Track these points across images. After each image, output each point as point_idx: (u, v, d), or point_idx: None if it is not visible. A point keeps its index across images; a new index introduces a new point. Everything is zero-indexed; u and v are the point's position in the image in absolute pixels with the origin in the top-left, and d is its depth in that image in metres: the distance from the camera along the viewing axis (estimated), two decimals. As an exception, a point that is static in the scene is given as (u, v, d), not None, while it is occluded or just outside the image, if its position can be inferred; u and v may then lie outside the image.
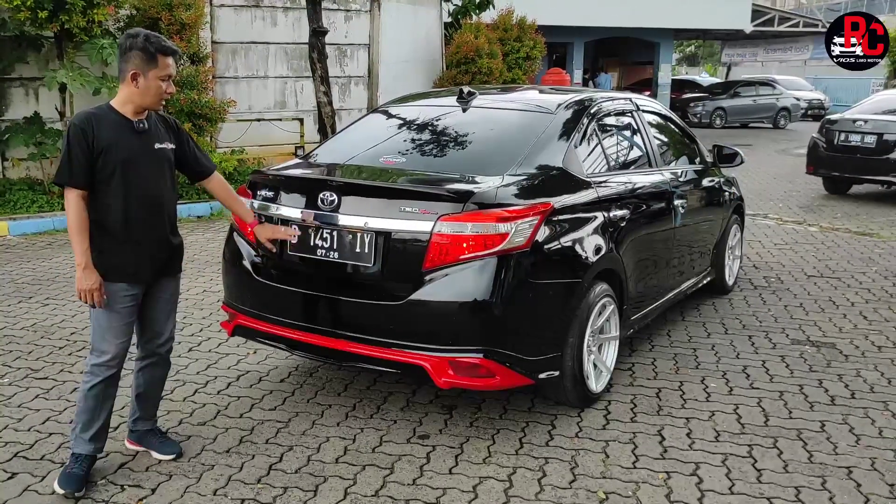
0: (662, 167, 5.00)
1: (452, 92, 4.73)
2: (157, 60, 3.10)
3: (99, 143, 3.06)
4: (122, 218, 3.15)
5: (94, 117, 3.09)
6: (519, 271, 3.46)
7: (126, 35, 3.14)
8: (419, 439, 3.70)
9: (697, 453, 3.57)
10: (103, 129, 3.07)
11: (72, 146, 3.05)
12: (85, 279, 3.09)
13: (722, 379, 4.45)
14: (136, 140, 3.16)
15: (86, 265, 3.08)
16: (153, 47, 3.09)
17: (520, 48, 14.65)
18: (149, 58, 3.09)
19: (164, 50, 3.13)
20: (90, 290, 3.10)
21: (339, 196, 3.60)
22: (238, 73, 11.52)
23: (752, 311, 5.78)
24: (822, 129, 11.73)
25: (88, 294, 3.11)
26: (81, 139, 3.04)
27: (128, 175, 3.13)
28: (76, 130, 3.05)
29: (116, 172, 3.10)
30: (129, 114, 3.14)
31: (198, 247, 7.88)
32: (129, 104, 3.14)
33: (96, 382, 3.21)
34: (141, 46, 3.08)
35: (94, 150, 3.05)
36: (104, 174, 3.09)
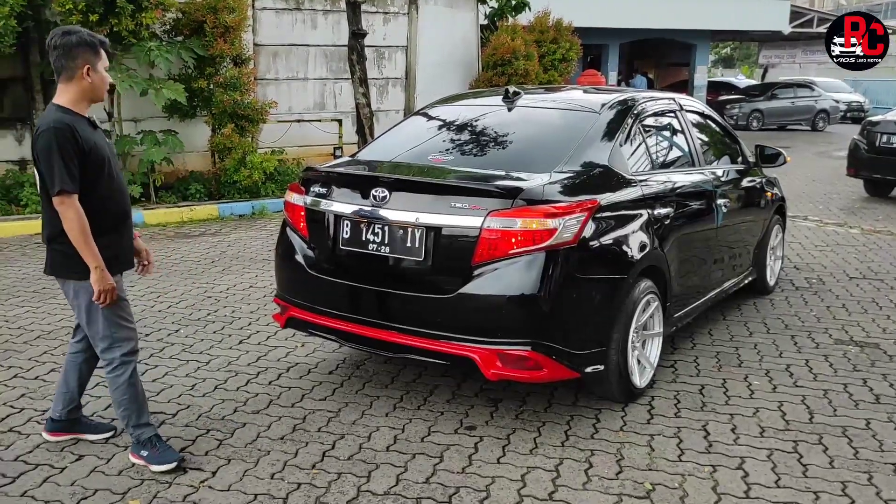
0: (705, 166, 5.04)
1: (497, 92, 4.81)
2: (100, 52, 3.18)
3: (85, 144, 3.11)
4: (114, 212, 3.27)
5: (69, 119, 3.10)
6: (566, 266, 3.53)
7: (61, 33, 3.14)
8: (466, 430, 3.78)
9: (742, 448, 3.61)
10: (82, 130, 3.12)
11: (63, 151, 3.04)
12: (105, 280, 3.16)
13: (766, 377, 4.47)
14: (99, 137, 3.26)
15: (102, 267, 3.15)
16: (95, 40, 3.18)
17: (556, 50, 14.67)
18: (95, 50, 3.16)
19: (102, 42, 3.22)
20: (110, 289, 3.19)
21: (390, 192, 3.70)
22: (279, 75, 11.70)
23: (794, 311, 5.77)
24: (863, 130, 11.60)
25: (107, 294, 3.19)
26: (72, 142, 3.06)
27: (109, 171, 3.23)
28: (63, 135, 3.04)
29: (102, 170, 3.19)
30: (83, 111, 3.21)
31: (241, 245, 8.05)
32: (82, 101, 3.19)
33: (132, 369, 3.35)
34: (87, 41, 3.14)
35: (83, 152, 3.10)
36: (91, 174, 3.14)
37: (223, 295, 6.12)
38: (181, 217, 9.39)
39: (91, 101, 3.25)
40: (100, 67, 3.20)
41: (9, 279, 6.50)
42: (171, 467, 3.33)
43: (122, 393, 3.34)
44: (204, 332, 5.20)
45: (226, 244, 8.07)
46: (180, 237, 8.44)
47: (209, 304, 5.87)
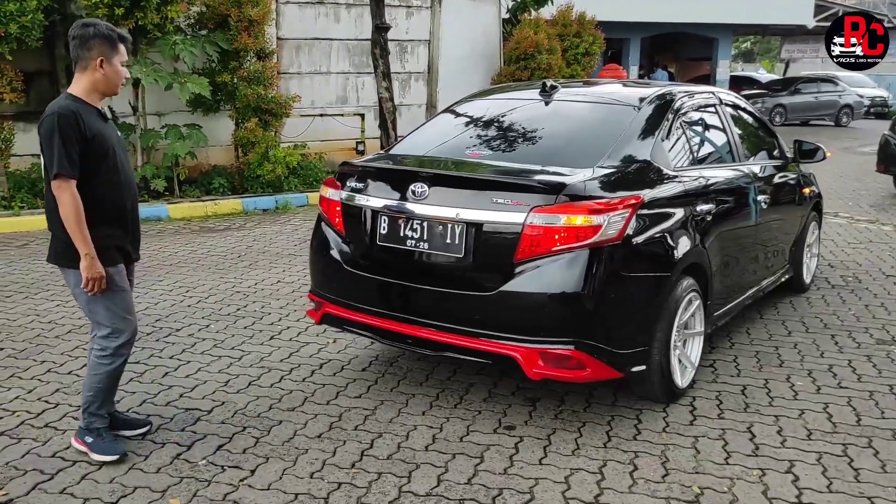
0: (745, 161, 4.94)
1: (533, 86, 4.73)
2: (118, 46, 3.20)
3: (89, 132, 3.12)
4: (116, 203, 3.27)
5: (75, 107, 3.12)
6: (610, 264, 3.45)
7: (82, 24, 3.19)
8: (505, 430, 3.72)
9: (790, 451, 3.52)
10: (88, 119, 3.14)
11: (65, 136, 3.06)
12: (94, 267, 3.16)
13: (808, 377, 4.37)
14: (107, 128, 3.27)
15: (93, 254, 3.14)
16: (114, 34, 3.20)
17: (579, 44, 14.54)
18: (112, 44, 3.19)
19: (122, 37, 3.23)
20: (100, 277, 3.18)
21: (429, 187, 3.64)
22: (301, 69, 11.66)
23: (833, 310, 5.66)
24: (893, 126, 11.40)
25: (97, 282, 3.18)
26: (75, 128, 3.07)
27: (113, 162, 3.24)
28: (66, 120, 3.07)
29: (105, 160, 3.19)
30: (95, 102, 3.24)
31: (267, 239, 8.02)
32: (94, 92, 3.23)
33: (122, 362, 3.36)
34: (104, 34, 3.17)
35: (86, 140, 3.11)
36: (93, 162, 3.15)
37: (252, 290, 6.08)
38: (205, 211, 9.37)
39: (103, 93, 3.28)
40: (115, 61, 3.22)
41: (37, 272, 6.50)
42: (112, 459, 3.32)
43: (99, 380, 3.34)
44: (235, 328, 5.17)
45: (251, 239, 8.04)
46: (205, 231, 8.42)
47: (238, 299, 5.83)
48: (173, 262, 6.91)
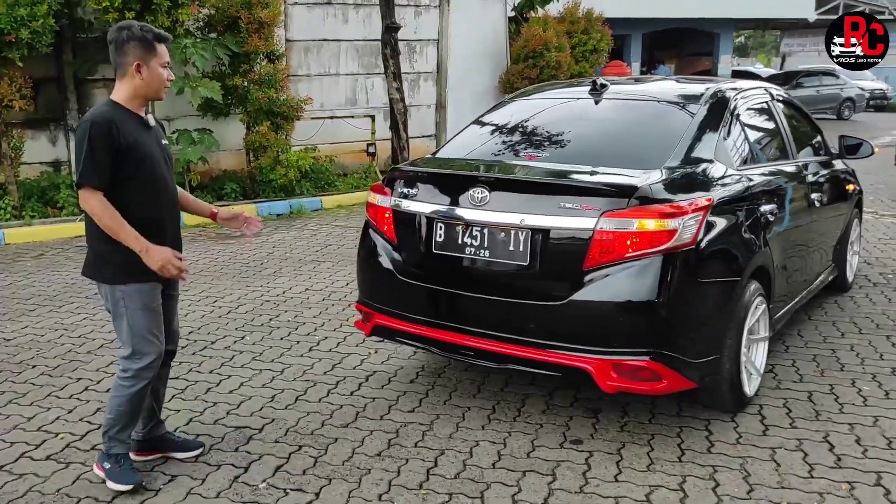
0: (798, 158, 4.79)
1: (579, 84, 4.58)
2: (156, 48, 3.05)
3: (124, 140, 2.97)
4: (150, 216, 3.09)
5: (112, 114, 2.99)
6: (685, 270, 3.30)
7: (117, 28, 3.06)
8: (572, 444, 3.56)
9: (874, 462, 3.37)
10: (125, 127, 2.99)
11: (95, 145, 2.93)
12: (157, 256, 3.01)
13: (873, 381, 4.23)
14: (148, 137, 3.13)
15: (147, 247, 3.00)
16: (150, 35, 3.05)
17: (587, 41, 14.39)
18: (148, 46, 3.04)
19: (159, 37, 3.08)
20: (167, 261, 3.03)
21: (489, 192, 3.47)
22: (310, 71, 11.47)
23: (881, 309, 5.52)
24: (911, 119, 11.30)
25: (169, 266, 3.04)
26: (107, 138, 2.94)
27: (149, 173, 3.08)
28: (100, 129, 2.93)
29: (139, 171, 3.04)
30: (137, 108, 3.09)
31: (286, 245, 7.85)
32: (135, 98, 3.08)
33: (143, 385, 3.14)
34: (139, 36, 3.03)
35: (119, 149, 2.96)
36: (126, 173, 3.00)
37: (281, 299, 5.91)
38: (220, 217, 9.16)
39: (146, 98, 3.13)
40: (154, 64, 3.06)
41: (58, 285, 6.32)
42: (126, 489, 3.14)
43: (119, 403, 3.14)
44: (271, 339, 5.00)
45: (270, 245, 7.86)
46: (222, 238, 8.24)
47: (269, 308, 5.66)
48: (195, 270, 6.72)
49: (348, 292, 6.06)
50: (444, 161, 4.12)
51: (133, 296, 3.08)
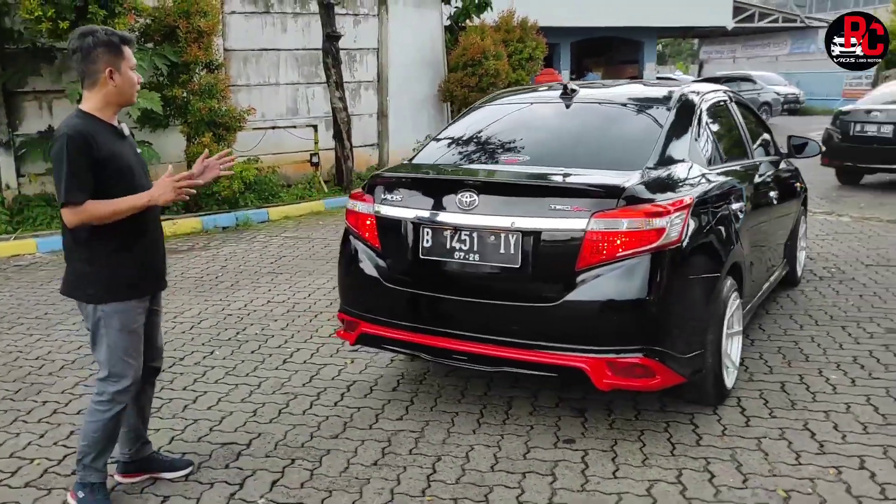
0: (756, 158, 4.97)
1: (547, 89, 4.63)
2: (123, 51, 2.92)
3: (102, 153, 2.84)
4: (132, 229, 2.96)
5: (87, 126, 2.85)
6: (673, 267, 3.38)
7: (79, 35, 2.88)
8: (566, 444, 3.59)
9: (854, 446, 3.50)
10: (100, 138, 2.86)
11: (74, 160, 2.79)
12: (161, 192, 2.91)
13: (839, 370, 4.40)
14: (124, 146, 3.00)
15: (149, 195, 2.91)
16: (117, 38, 2.91)
17: (523, 49, 14.61)
18: (116, 51, 2.89)
19: (125, 39, 2.95)
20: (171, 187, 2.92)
21: (478, 196, 3.48)
22: (250, 81, 11.28)
23: (831, 301, 5.76)
24: (835, 120, 11.86)
25: (174, 191, 2.92)
26: (84, 151, 2.81)
27: (130, 184, 2.95)
28: (76, 143, 2.80)
29: (119, 183, 2.91)
30: (110, 118, 2.96)
31: (239, 258, 7.68)
32: (108, 107, 2.94)
33: (119, 410, 3.01)
34: (105, 41, 2.87)
35: (97, 162, 2.84)
36: (106, 186, 2.87)
37: (244, 312, 5.78)
38: (165, 231, 8.89)
39: (119, 105, 2.99)
40: (124, 68, 2.91)
41: (4, 305, 6.02)
42: None
43: (96, 429, 2.99)
44: (241, 353, 4.88)
45: (222, 258, 7.68)
46: (171, 252, 7.98)
47: (233, 322, 5.53)
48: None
49: (312, 303, 5.98)
50: (425, 167, 4.11)
51: (114, 316, 2.95)
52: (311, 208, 10.29)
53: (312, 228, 9.16)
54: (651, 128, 3.97)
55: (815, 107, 29.05)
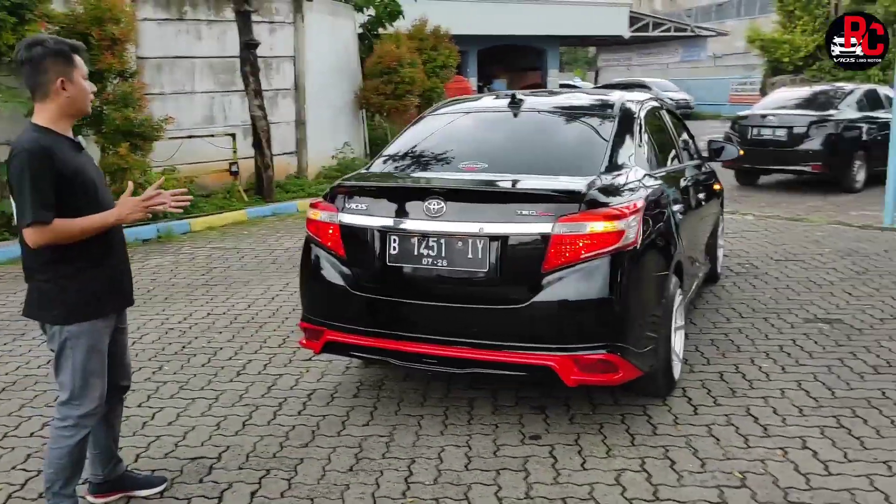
0: (685, 161, 5.28)
1: (495, 98, 4.78)
2: (74, 59, 2.84)
3: (67, 168, 2.76)
4: (99, 246, 2.89)
5: (46, 140, 2.75)
6: (631, 267, 3.58)
7: (27, 46, 2.80)
8: (532, 440, 3.74)
9: (794, 428, 3.80)
10: (62, 153, 2.77)
11: (37, 177, 2.69)
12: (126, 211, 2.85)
13: (769, 359, 4.74)
14: (83, 159, 2.91)
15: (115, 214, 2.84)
16: (67, 46, 2.83)
17: (436, 57, 14.81)
18: (67, 59, 2.81)
19: (75, 48, 2.88)
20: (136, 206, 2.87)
21: (445, 203, 3.59)
22: (164, 89, 10.98)
23: (750, 295, 6.16)
24: (734, 125, 12.61)
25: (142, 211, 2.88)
26: (48, 166, 2.70)
27: (95, 199, 2.87)
28: (38, 158, 2.69)
29: (84, 198, 2.82)
30: (66, 130, 2.87)
31: (167, 271, 7.50)
32: (62, 118, 2.84)
33: (84, 435, 2.94)
34: (55, 49, 2.79)
35: (62, 177, 2.74)
36: (72, 202, 2.77)
37: (185, 325, 5.67)
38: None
39: (73, 116, 2.91)
40: (77, 77, 2.82)
41: (-78, 328, 5.70)
42: None
43: (61, 455, 2.89)
44: (192, 367, 4.81)
45: (150, 272, 7.48)
46: (93, 267, 7.72)
47: (176, 336, 5.42)
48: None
49: (255, 314, 5.93)
50: (386, 175, 4.18)
51: (81, 336, 2.87)
52: (234, 218, 10.13)
53: (238, 239, 9.03)
54: (599, 135, 4.18)
55: (704, 112, 30.56)
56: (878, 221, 9.04)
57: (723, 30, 38.01)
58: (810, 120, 11.56)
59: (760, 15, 38.12)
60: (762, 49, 19.45)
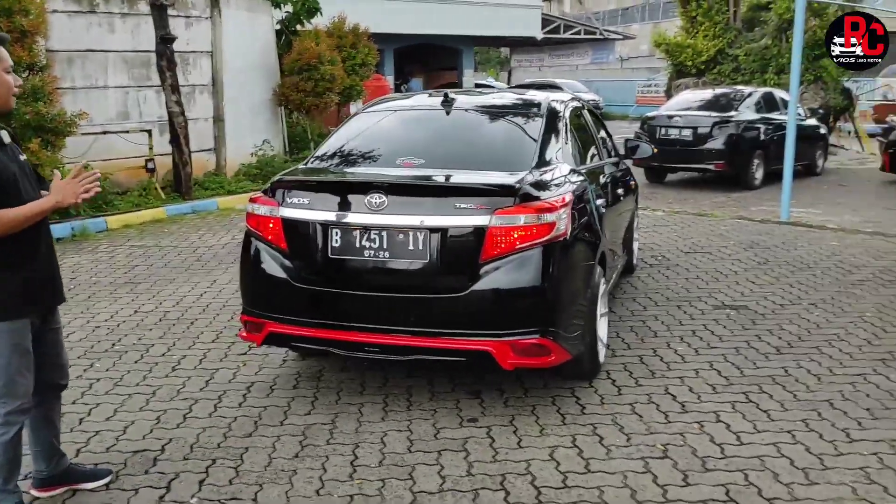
0: (605, 158, 5.58)
1: (427, 96, 4.95)
2: None
3: None
4: (22, 243, 2.85)
5: None
6: (561, 257, 3.81)
7: None
8: (470, 423, 3.92)
9: (709, 404, 4.12)
10: None
11: None
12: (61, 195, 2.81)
13: (682, 343, 5.08)
14: (5, 156, 2.84)
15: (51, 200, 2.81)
16: None
17: (356, 55, 14.85)
18: None
19: None
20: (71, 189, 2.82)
21: (387, 197, 3.73)
22: (76, 84, 10.66)
23: (664, 285, 6.54)
24: (643, 125, 13.18)
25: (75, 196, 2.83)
26: None
27: (16, 198, 2.81)
28: None
29: (7, 195, 2.78)
30: None
31: (86, 270, 7.34)
32: None
33: (17, 430, 2.94)
34: None
35: None
36: None
37: (112, 323, 5.61)
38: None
39: None
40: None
41: None
42: None
43: None
44: (124, 364, 4.78)
45: (68, 271, 7.29)
46: (7, 267, 7.48)
47: (104, 334, 5.36)
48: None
49: (184, 311, 5.90)
50: (325, 170, 4.28)
51: (6, 335, 2.85)
52: (153, 216, 9.94)
53: (159, 237, 8.88)
54: (528, 133, 4.41)
55: (612, 112, 31.56)
56: (775, 216, 9.67)
57: (629, 33, 39.40)
58: (713, 121, 12.21)
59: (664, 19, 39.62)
60: (667, 53, 20.23)
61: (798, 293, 6.21)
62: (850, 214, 9.97)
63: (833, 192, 12.14)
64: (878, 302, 5.95)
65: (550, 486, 3.31)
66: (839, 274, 6.83)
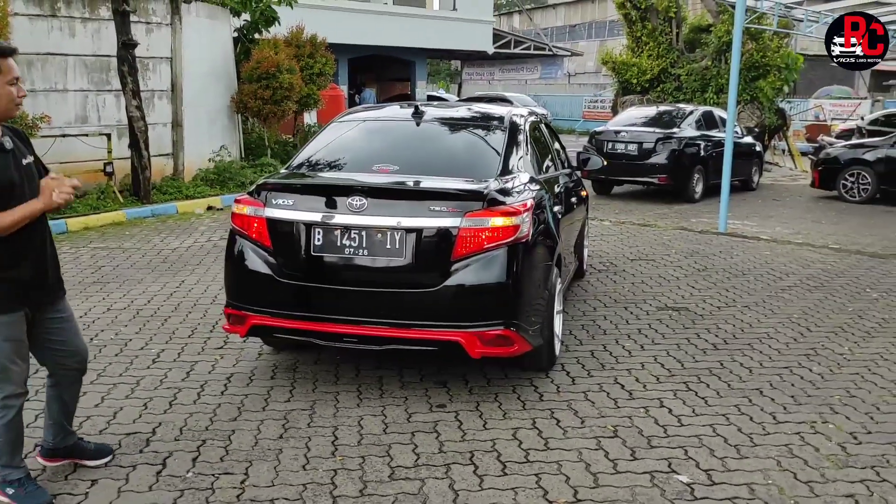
0: (560, 169, 6.01)
1: (399, 107, 5.32)
2: (0, 65, 2.89)
3: None
4: (24, 241, 3.00)
5: None
6: (524, 257, 4.20)
7: None
8: (439, 408, 4.28)
9: (653, 392, 4.56)
10: None
11: None
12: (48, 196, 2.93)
13: (630, 339, 5.53)
14: (7, 162, 2.93)
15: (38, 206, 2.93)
16: None
17: (313, 64, 15.10)
18: None
19: (4, 51, 2.91)
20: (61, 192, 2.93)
21: (367, 199, 4.08)
22: (35, 86, 10.69)
23: (612, 288, 7.00)
24: (591, 139, 13.75)
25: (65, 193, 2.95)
26: None
27: (18, 197, 2.91)
28: None
29: (4, 198, 2.87)
30: None
31: (81, 264, 7.45)
32: None
33: (14, 413, 3.12)
34: None
35: None
36: None
37: (87, 320, 5.80)
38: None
39: None
40: (1, 82, 2.87)
41: None
42: None
43: None
44: (104, 357, 5.00)
45: (34, 270, 7.41)
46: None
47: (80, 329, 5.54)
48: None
49: (157, 308, 6.12)
50: (304, 175, 4.60)
51: None
52: (113, 219, 10.05)
53: (120, 239, 9.02)
54: (492, 144, 4.81)
55: (560, 126, 32.36)
56: (714, 227, 10.29)
57: (577, 50, 40.47)
58: (657, 137, 12.84)
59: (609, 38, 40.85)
60: (613, 70, 20.98)
61: (733, 296, 6.74)
62: (782, 227, 10.66)
63: (767, 205, 12.89)
64: (804, 305, 6.52)
65: (514, 460, 3.69)
66: (770, 280, 7.41)
